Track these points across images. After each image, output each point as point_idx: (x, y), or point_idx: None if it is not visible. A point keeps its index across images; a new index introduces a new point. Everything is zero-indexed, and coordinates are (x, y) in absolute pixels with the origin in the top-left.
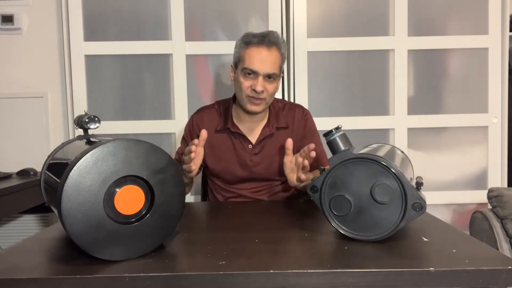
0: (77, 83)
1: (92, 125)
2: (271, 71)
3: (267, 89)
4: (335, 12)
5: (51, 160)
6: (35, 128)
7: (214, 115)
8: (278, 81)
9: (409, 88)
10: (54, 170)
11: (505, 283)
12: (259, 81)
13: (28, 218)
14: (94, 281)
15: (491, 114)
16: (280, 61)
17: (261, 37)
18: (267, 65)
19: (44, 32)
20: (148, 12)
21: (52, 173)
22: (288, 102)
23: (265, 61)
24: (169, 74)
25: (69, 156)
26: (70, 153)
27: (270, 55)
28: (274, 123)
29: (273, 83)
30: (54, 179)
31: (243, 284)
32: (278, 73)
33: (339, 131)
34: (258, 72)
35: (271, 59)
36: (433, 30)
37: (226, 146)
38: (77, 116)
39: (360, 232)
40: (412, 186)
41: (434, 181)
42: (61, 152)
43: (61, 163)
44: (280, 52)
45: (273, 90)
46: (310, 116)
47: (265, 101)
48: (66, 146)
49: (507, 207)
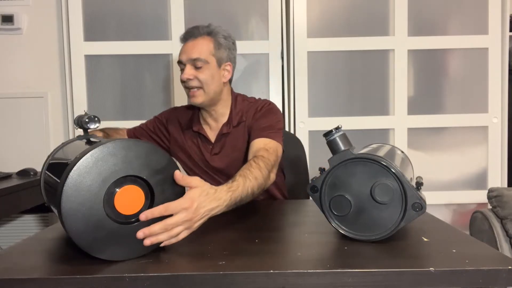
0: (77, 83)
1: (92, 125)
2: (194, 56)
3: (197, 76)
4: (335, 12)
5: (51, 160)
6: (35, 128)
7: (186, 114)
8: (217, 69)
9: (409, 88)
10: (54, 170)
11: (505, 283)
12: (185, 70)
13: (28, 218)
14: (94, 281)
15: (491, 114)
16: (213, 47)
17: (186, 32)
18: (189, 52)
19: (44, 32)
20: (148, 12)
21: (52, 173)
22: (253, 99)
23: (187, 50)
24: (169, 74)
25: (69, 156)
26: (70, 153)
27: (194, 44)
28: (235, 120)
29: (203, 69)
30: (54, 179)
31: (243, 284)
32: (207, 59)
33: (339, 131)
34: (182, 61)
35: (194, 47)
36: (433, 30)
37: (192, 144)
38: (77, 116)
39: (360, 232)
40: (412, 186)
41: (434, 181)
42: (61, 152)
43: (61, 163)
44: (213, 39)
45: (206, 77)
46: (271, 108)
47: (203, 90)
48: (66, 146)
49: (507, 207)
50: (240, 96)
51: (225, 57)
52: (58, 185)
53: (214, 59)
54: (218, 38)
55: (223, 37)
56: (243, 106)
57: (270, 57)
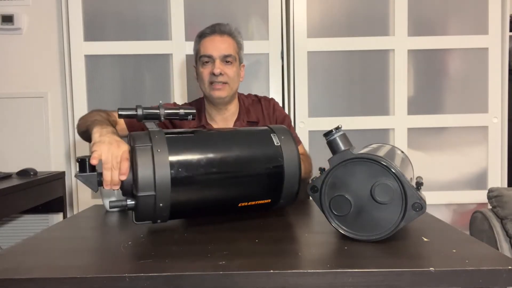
0: (77, 83)
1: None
2: (227, 52)
3: (226, 72)
4: (335, 12)
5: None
6: (35, 128)
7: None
8: (239, 68)
9: (409, 88)
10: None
11: (505, 283)
12: (216, 64)
13: (28, 218)
14: (94, 281)
15: (491, 114)
16: (236, 47)
17: (211, 27)
18: (221, 48)
19: (44, 32)
20: (148, 12)
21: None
22: (253, 96)
23: (218, 45)
24: (169, 74)
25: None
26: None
27: (222, 40)
28: (245, 117)
29: (232, 66)
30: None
31: (243, 284)
32: (235, 57)
33: (339, 131)
34: (213, 56)
35: (224, 43)
36: (433, 30)
37: None
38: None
39: (360, 232)
40: (412, 186)
41: (434, 181)
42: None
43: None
44: (235, 40)
45: (233, 74)
46: (276, 103)
47: (229, 86)
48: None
49: (507, 207)
50: (238, 93)
51: (242, 58)
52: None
53: (238, 58)
54: (238, 39)
55: (241, 39)
56: (248, 103)
57: (270, 57)
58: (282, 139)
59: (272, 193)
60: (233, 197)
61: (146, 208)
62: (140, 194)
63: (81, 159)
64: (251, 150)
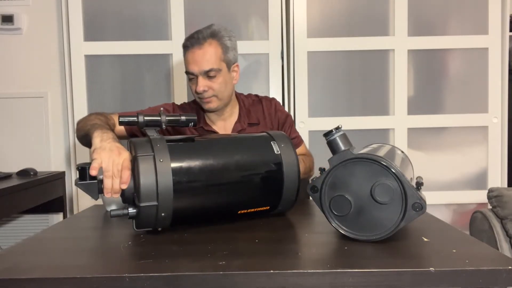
0: (77, 83)
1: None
2: (207, 67)
3: (211, 86)
4: (335, 12)
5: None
6: (35, 128)
7: (193, 111)
8: (228, 73)
9: (409, 88)
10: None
11: (505, 283)
12: (199, 82)
13: (28, 218)
14: (94, 281)
15: (491, 114)
16: (221, 52)
17: (190, 38)
18: (202, 63)
19: (44, 32)
20: (148, 12)
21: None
22: (254, 96)
23: (198, 59)
24: (169, 74)
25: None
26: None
27: (203, 53)
28: (246, 119)
29: (216, 79)
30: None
31: (243, 284)
32: (219, 67)
33: (339, 131)
34: (194, 73)
35: (204, 56)
36: (433, 30)
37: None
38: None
39: (360, 232)
40: (412, 186)
41: (434, 181)
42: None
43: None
44: (219, 42)
45: (219, 86)
46: (277, 103)
47: (217, 98)
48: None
49: (507, 207)
50: (237, 93)
51: (232, 59)
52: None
53: (224, 64)
54: (224, 40)
55: (228, 38)
56: (248, 104)
57: (270, 57)
58: (282, 147)
59: (271, 200)
60: (233, 205)
61: (148, 217)
62: (142, 204)
63: (81, 167)
64: (251, 159)
